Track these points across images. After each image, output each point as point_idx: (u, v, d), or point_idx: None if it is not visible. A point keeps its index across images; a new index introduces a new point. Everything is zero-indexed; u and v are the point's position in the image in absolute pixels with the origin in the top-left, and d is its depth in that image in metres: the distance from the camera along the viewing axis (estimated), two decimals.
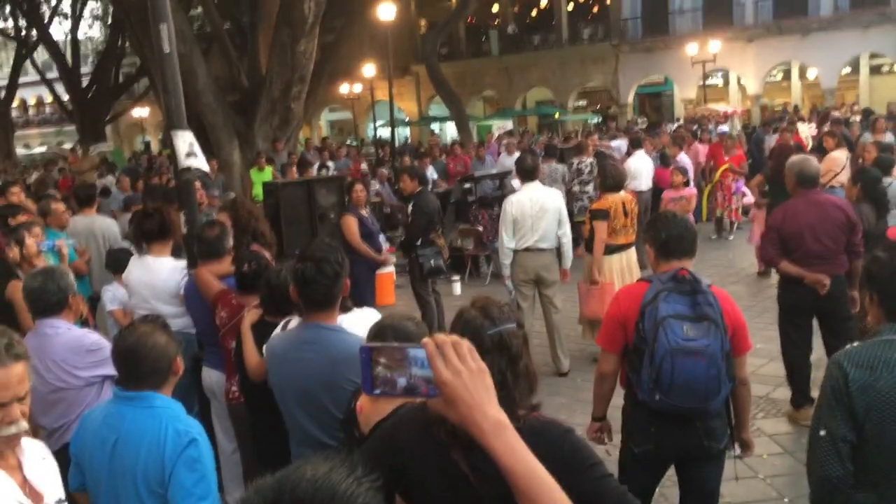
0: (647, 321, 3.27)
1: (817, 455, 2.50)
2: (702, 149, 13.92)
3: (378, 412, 2.35)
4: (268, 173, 13.23)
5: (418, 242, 7.75)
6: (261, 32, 16.17)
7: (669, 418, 3.34)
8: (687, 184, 9.01)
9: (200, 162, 5.54)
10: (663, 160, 11.75)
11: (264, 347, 3.36)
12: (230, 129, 14.03)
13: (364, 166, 17.35)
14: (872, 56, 28.51)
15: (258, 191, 12.52)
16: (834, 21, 26.67)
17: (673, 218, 3.60)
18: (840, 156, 9.19)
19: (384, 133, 28.55)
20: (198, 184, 6.06)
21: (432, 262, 7.71)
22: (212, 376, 4.46)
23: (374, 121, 26.16)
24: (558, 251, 6.95)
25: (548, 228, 6.79)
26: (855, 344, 2.55)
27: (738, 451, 3.65)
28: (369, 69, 25.05)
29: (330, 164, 16.75)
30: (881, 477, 2.45)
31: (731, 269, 10.47)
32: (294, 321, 3.28)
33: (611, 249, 6.94)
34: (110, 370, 3.48)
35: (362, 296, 6.85)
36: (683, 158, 12.85)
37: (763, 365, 6.58)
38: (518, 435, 1.34)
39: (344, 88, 28.40)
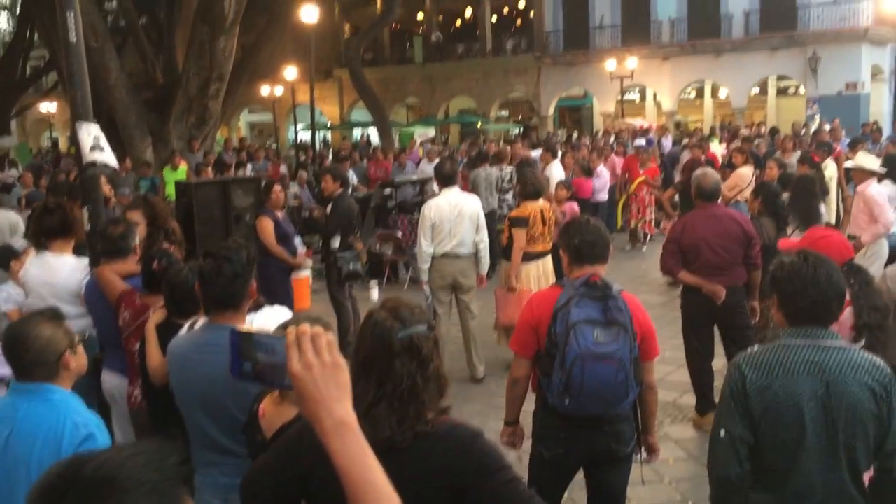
0: (558, 326, 3.29)
1: (717, 455, 2.56)
2: (618, 161, 14.31)
3: (281, 416, 2.28)
4: (182, 172, 12.87)
5: (337, 245, 7.65)
6: (178, 28, 15.77)
7: (579, 422, 3.37)
8: (573, 198, 9.15)
9: (107, 156, 5.33)
10: (584, 170, 11.98)
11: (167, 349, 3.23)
12: (143, 127, 13.61)
13: (283, 169, 17.08)
14: (780, 78, 29.83)
15: (171, 190, 12.16)
16: (745, 43, 27.79)
17: (586, 224, 3.64)
18: (746, 172, 9.59)
19: (305, 137, 28.14)
20: (104, 179, 5.83)
21: (350, 265, 7.61)
22: (112, 380, 4.27)
23: (295, 124, 25.76)
24: (475, 257, 6.97)
25: (466, 234, 6.80)
26: (755, 348, 2.62)
27: (644, 455, 3.71)
28: (291, 71, 24.63)
29: (248, 165, 16.42)
30: (776, 478, 2.52)
31: (644, 279, 10.74)
32: (201, 321, 3.16)
33: (528, 257, 7.00)
34: (2, 370, 3.31)
35: (277, 299, 6.68)
36: (602, 170, 13.14)
37: (671, 372, 6.75)
38: (363, 440, 1.29)
39: (265, 90, 27.90)
